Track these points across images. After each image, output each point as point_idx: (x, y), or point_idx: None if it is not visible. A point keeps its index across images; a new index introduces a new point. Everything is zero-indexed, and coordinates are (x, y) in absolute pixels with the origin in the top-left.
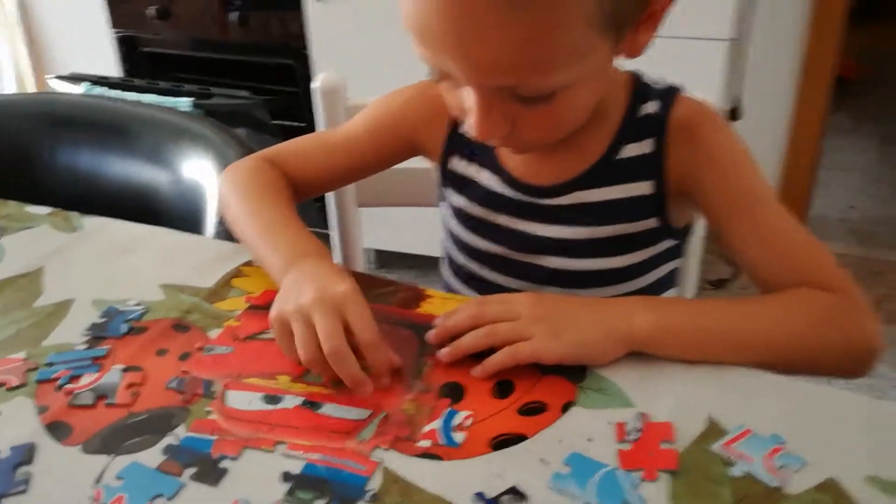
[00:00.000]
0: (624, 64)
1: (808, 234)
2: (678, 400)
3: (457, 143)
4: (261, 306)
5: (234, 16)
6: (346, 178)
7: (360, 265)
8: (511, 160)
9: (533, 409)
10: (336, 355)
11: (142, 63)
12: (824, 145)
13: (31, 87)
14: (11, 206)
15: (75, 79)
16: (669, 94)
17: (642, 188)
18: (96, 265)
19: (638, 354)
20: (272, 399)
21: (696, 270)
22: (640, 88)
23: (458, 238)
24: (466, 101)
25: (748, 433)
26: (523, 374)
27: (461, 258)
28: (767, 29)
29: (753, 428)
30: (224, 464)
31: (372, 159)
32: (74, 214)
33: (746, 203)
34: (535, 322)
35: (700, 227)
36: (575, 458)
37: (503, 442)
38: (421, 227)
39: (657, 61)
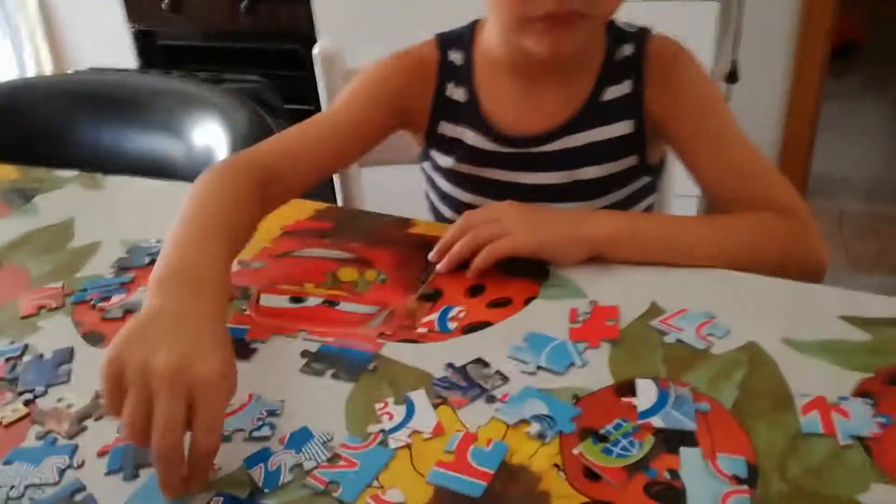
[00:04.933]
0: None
1: (768, 163)
2: (626, 291)
3: (444, 107)
4: (292, 232)
5: (243, 4)
6: (339, 165)
7: None
8: (499, 114)
9: (500, 303)
10: (165, 457)
11: (157, 55)
12: (832, 107)
13: None
14: (42, 171)
15: (94, 72)
16: (643, 35)
17: (623, 128)
18: (121, 214)
19: (596, 258)
20: (297, 300)
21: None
22: (616, 32)
23: (447, 195)
24: None
25: (682, 311)
26: (495, 276)
27: (449, 213)
28: None
29: (688, 307)
30: (255, 345)
31: (365, 139)
32: (99, 175)
33: (713, 132)
34: (512, 222)
35: None
36: (531, 335)
37: (472, 328)
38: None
39: (648, 24)
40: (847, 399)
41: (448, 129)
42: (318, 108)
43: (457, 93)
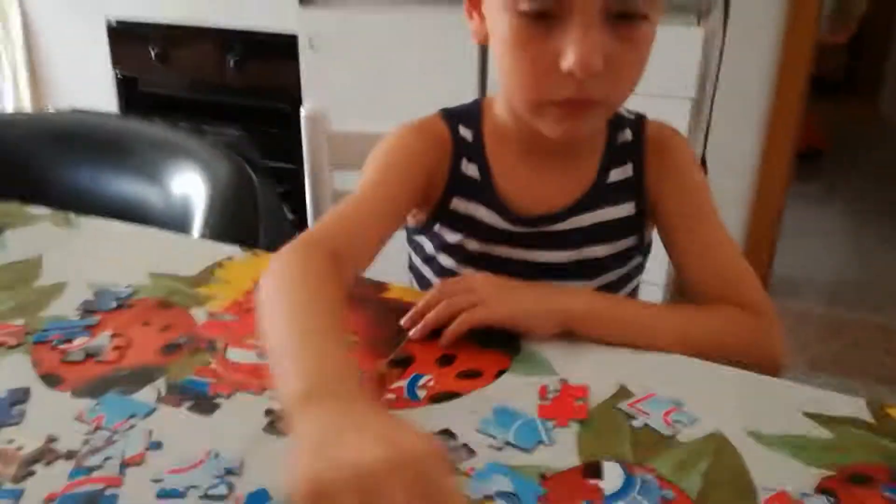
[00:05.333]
0: None
1: (741, 258)
2: (596, 371)
3: (459, 183)
4: None
5: (231, 60)
6: (386, 239)
7: None
8: (511, 191)
9: (470, 374)
10: None
11: (140, 102)
12: (796, 210)
13: None
14: (13, 206)
15: (76, 113)
16: (639, 121)
17: (626, 209)
18: (91, 256)
19: (568, 335)
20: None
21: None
22: (615, 118)
23: (445, 269)
24: (564, 40)
25: (652, 396)
26: (467, 347)
27: None
28: (733, 92)
29: (657, 392)
30: (218, 400)
31: (403, 215)
32: (72, 214)
33: (696, 221)
34: (486, 292)
35: None
36: (500, 409)
37: (441, 397)
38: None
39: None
40: (809, 496)
41: (461, 205)
42: (300, 166)
43: (470, 168)
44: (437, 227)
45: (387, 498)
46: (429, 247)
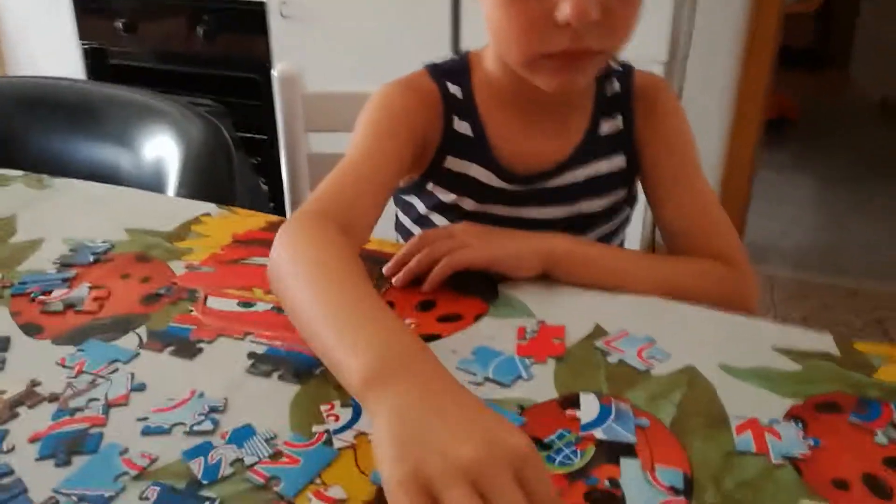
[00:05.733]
0: None
1: (723, 213)
2: (573, 313)
3: (451, 141)
4: (242, 241)
5: (200, 30)
6: (385, 202)
7: None
8: (505, 148)
9: (450, 318)
10: None
11: (107, 74)
12: (764, 177)
13: None
14: None
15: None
16: (627, 72)
17: (618, 162)
18: (66, 214)
19: (545, 281)
20: (246, 304)
21: None
22: (603, 69)
23: (437, 227)
24: None
25: (625, 335)
26: (445, 293)
27: None
28: (704, 57)
29: (630, 331)
30: (200, 345)
31: (399, 174)
32: (45, 176)
33: (681, 176)
34: (468, 236)
35: None
36: (480, 349)
37: (422, 339)
38: None
39: None
40: (779, 422)
41: (455, 164)
42: (272, 138)
43: (462, 126)
44: (430, 186)
45: (497, 490)
46: (421, 207)
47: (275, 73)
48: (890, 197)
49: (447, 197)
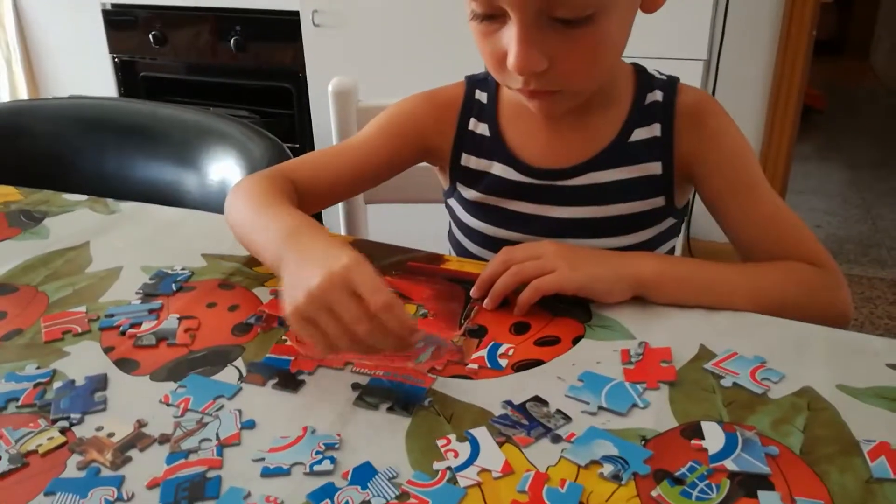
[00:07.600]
0: None
1: (795, 216)
2: (674, 333)
3: (467, 140)
4: None
5: (231, 41)
6: (357, 186)
7: None
8: (525, 149)
9: (548, 341)
10: (372, 342)
11: (139, 87)
12: (794, 170)
13: None
14: (49, 194)
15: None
16: (672, 84)
17: (651, 168)
18: (139, 240)
19: (637, 300)
20: None
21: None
22: (644, 78)
23: (472, 229)
24: (507, 39)
25: (734, 355)
26: (538, 316)
27: (474, 247)
28: (738, 53)
29: (739, 352)
30: (301, 377)
31: (384, 166)
32: (111, 200)
33: (743, 187)
34: (556, 259)
35: None
36: (587, 375)
37: (523, 365)
38: (423, 223)
39: None
40: None
41: (473, 161)
42: (304, 146)
43: (480, 127)
44: (458, 186)
45: (337, 304)
46: (459, 209)
47: (330, 87)
48: None
49: (469, 194)
